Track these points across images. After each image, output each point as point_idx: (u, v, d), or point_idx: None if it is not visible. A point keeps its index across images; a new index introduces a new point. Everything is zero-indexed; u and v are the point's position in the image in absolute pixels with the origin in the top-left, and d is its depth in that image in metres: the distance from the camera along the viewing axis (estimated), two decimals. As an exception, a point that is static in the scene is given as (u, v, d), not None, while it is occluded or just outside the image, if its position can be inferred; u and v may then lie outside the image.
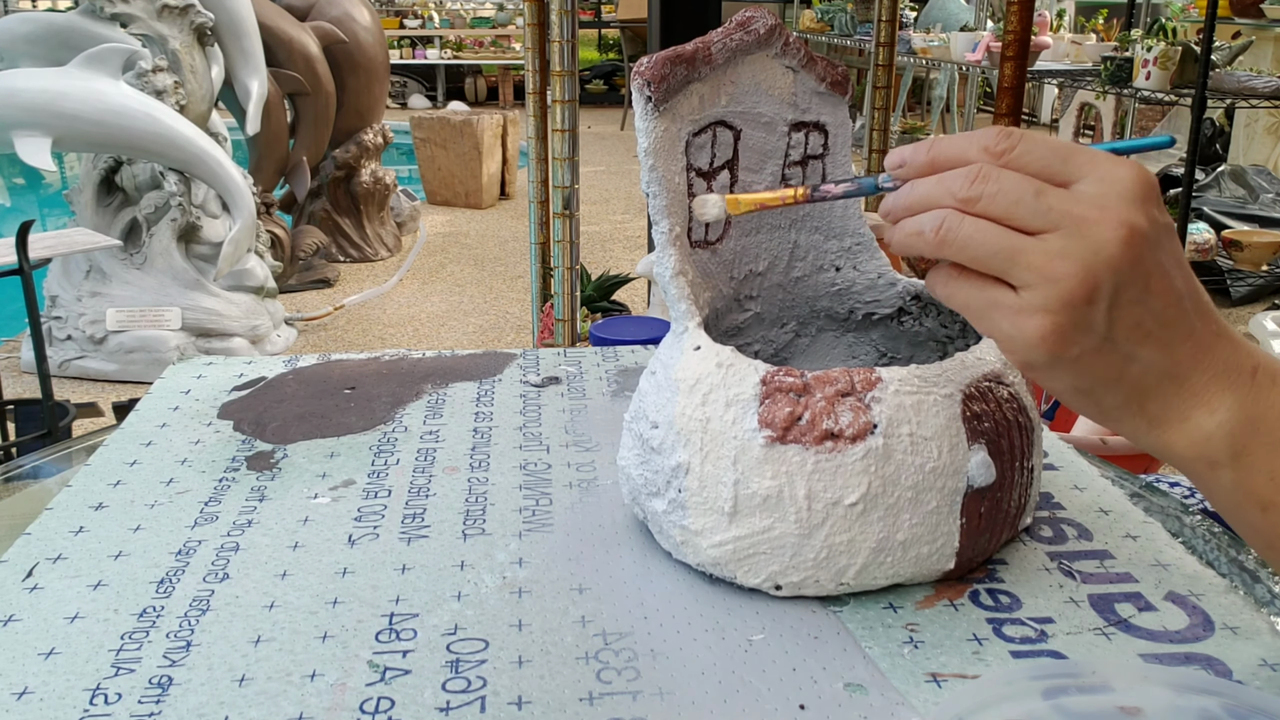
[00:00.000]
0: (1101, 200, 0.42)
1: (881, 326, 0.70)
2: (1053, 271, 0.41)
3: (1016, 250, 0.42)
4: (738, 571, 0.53)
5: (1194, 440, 0.44)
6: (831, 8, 6.18)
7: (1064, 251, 0.41)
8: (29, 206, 6.23)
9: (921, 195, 0.45)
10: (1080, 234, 0.41)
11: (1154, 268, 0.42)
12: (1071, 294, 0.41)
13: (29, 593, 0.55)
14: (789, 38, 0.61)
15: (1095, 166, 0.43)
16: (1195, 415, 0.44)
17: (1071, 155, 0.43)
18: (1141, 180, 0.42)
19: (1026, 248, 0.42)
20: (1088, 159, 0.43)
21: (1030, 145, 0.43)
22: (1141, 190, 0.42)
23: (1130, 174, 0.42)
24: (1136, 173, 0.42)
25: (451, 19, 9.48)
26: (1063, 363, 0.43)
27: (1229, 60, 3.94)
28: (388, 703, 0.46)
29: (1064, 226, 0.42)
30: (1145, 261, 0.42)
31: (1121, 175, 0.42)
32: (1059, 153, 0.43)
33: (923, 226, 0.44)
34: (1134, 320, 0.42)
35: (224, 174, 3.02)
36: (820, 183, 0.50)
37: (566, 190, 1.87)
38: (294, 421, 0.76)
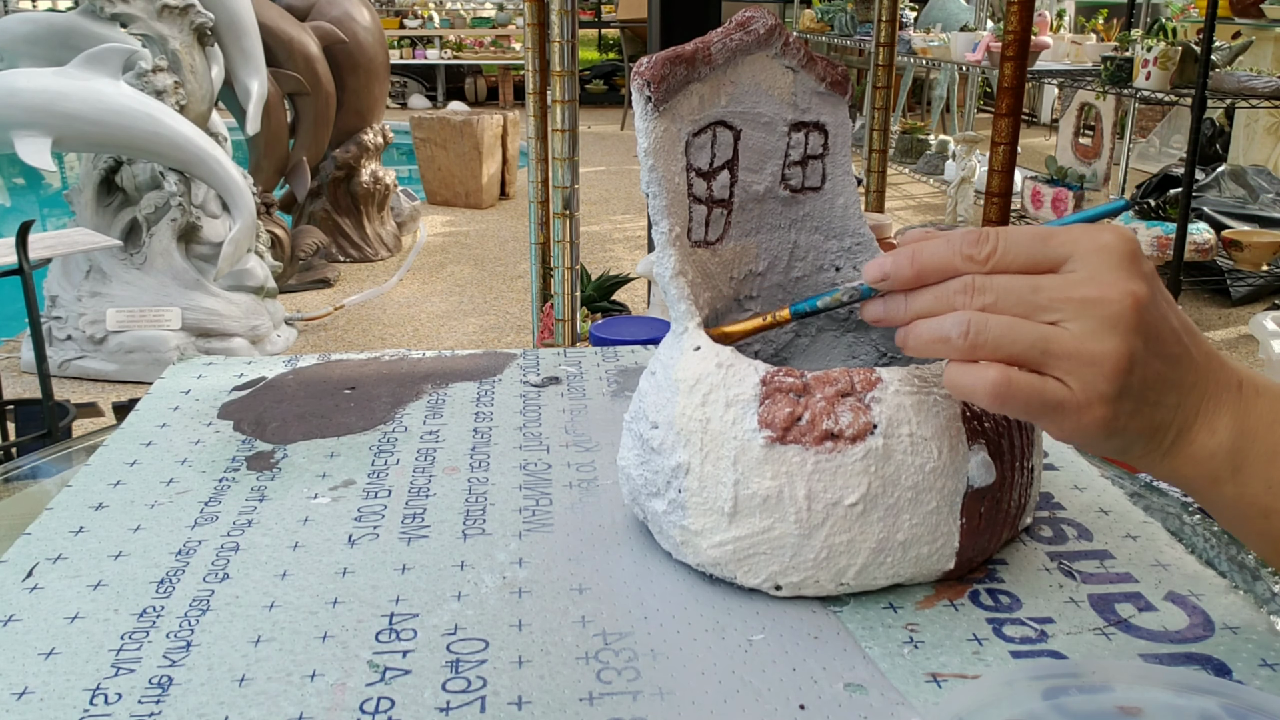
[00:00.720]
0: (1096, 276, 0.43)
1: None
2: (1090, 354, 0.42)
3: (1048, 340, 0.43)
4: (738, 571, 0.53)
5: (1199, 460, 0.46)
6: (831, 8, 6.18)
7: (1090, 333, 0.42)
8: (29, 206, 6.23)
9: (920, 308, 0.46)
10: (1094, 315, 0.42)
11: (1158, 320, 0.43)
12: (1115, 370, 0.42)
13: (29, 593, 0.55)
14: (789, 38, 0.61)
15: (1077, 244, 0.43)
16: (1200, 438, 0.45)
17: (1049, 239, 0.44)
18: (1123, 242, 0.43)
19: (1055, 336, 0.43)
20: (1067, 238, 0.44)
21: (1009, 243, 0.44)
22: (1126, 252, 0.43)
23: (1110, 241, 0.43)
24: (1115, 238, 0.43)
25: (451, 19, 9.48)
26: (1113, 435, 0.45)
27: (1229, 60, 3.94)
28: (388, 703, 0.46)
29: (1074, 312, 0.43)
30: (1151, 317, 0.43)
31: (1103, 244, 0.43)
32: (1038, 239, 0.44)
33: (947, 331, 0.45)
34: (1154, 374, 0.44)
35: (224, 174, 3.02)
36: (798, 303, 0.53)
37: (566, 190, 1.87)
38: (294, 421, 0.76)
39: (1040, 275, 0.44)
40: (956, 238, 0.45)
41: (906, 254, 0.46)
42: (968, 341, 0.44)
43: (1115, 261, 0.43)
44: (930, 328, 0.46)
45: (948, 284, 0.45)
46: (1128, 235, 0.44)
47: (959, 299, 0.44)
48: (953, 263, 0.45)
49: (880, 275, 0.47)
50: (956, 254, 0.44)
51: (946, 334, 0.45)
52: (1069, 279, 0.43)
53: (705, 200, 0.60)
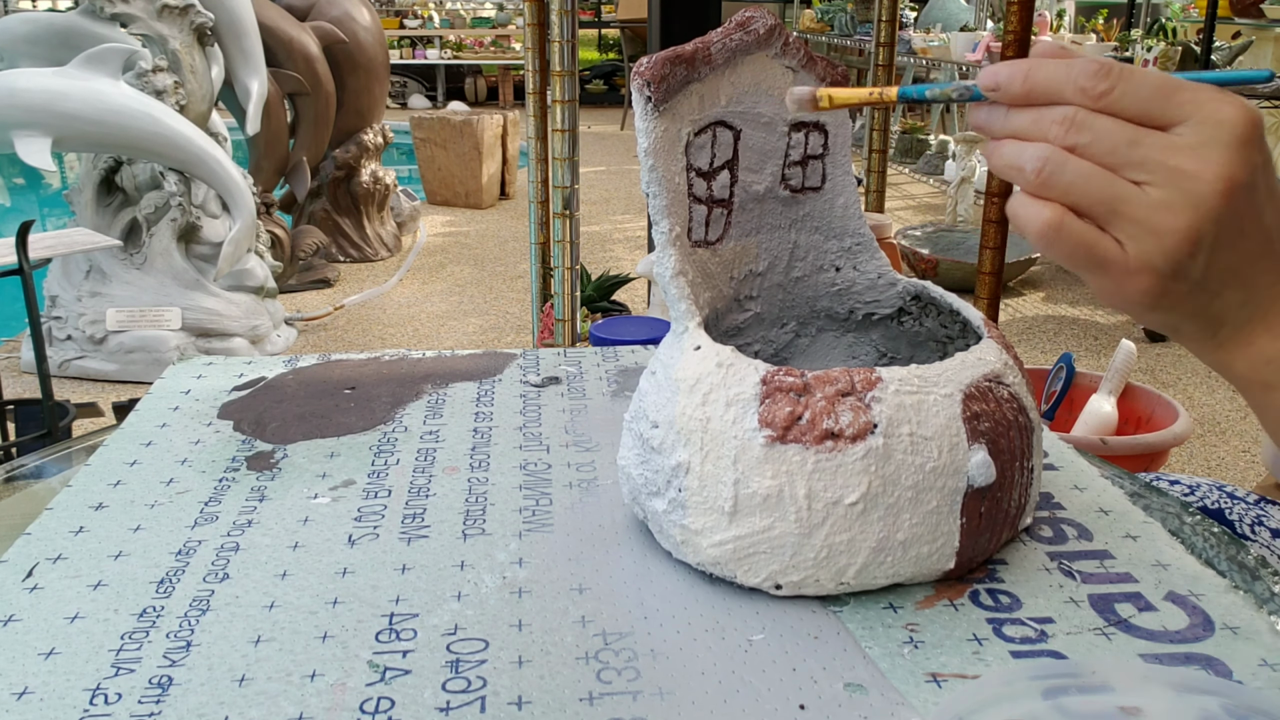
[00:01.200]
0: (1201, 149, 0.41)
1: (881, 326, 0.70)
2: (1157, 225, 0.41)
3: (1120, 199, 0.42)
4: (738, 571, 0.53)
5: (1254, 363, 0.45)
6: (831, 8, 6.18)
7: (1167, 204, 0.41)
8: (29, 206, 6.23)
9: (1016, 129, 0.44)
10: (1180, 187, 0.41)
11: (1249, 212, 0.42)
12: (1177, 248, 0.41)
13: (29, 593, 0.55)
14: (789, 38, 0.61)
15: (1199, 108, 0.41)
16: (1260, 340, 0.45)
17: (1173, 94, 0.41)
18: (1244, 122, 0.41)
19: (1130, 197, 0.42)
20: (1190, 98, 0.41)
21: (1129, 86, 0.42)
22: (1243, 133, 0.41)
23: (1232, 116, 0.41)
24: (1239, 114, 0.41)
25: (451, 19, 9.48)
26: (1157, 309, 0.44)
27: (1229, 60, 3.94)
28: (388, 703, 0.46)
29: (1162, 178, 0.41)
30: (1241, 208, 0.41)
31: (1224, 118, 0.41)
32: (1161, 91, 0.42)
33: (1023, 162, 0.43)
34: (1226, 264, 0.43)
35: (224, 174, 3.02)
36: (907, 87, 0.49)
37: (566, 190, 1.87)
38: (294, 421, 0.76)
39: (1147, 130, 0.42)
40: (1078, 65, 0.42)
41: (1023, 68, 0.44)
42: (1040, 178, 0.43)
43: (1227, 138, 0.41)
44: (1011, 152, 0.44)
45: (1051, 110, 0.43)
46: (1252, 114, 0.41)
47: (1055, 129, 0.43)
48: (1064, 90, 0.43)
49: (992, 83, 0.45)
50: (1071, 81, 0.42)
51: (1022, 164, 0.43)
52: (1173, 142, 0.41)
53: (705, 200, 0.60)
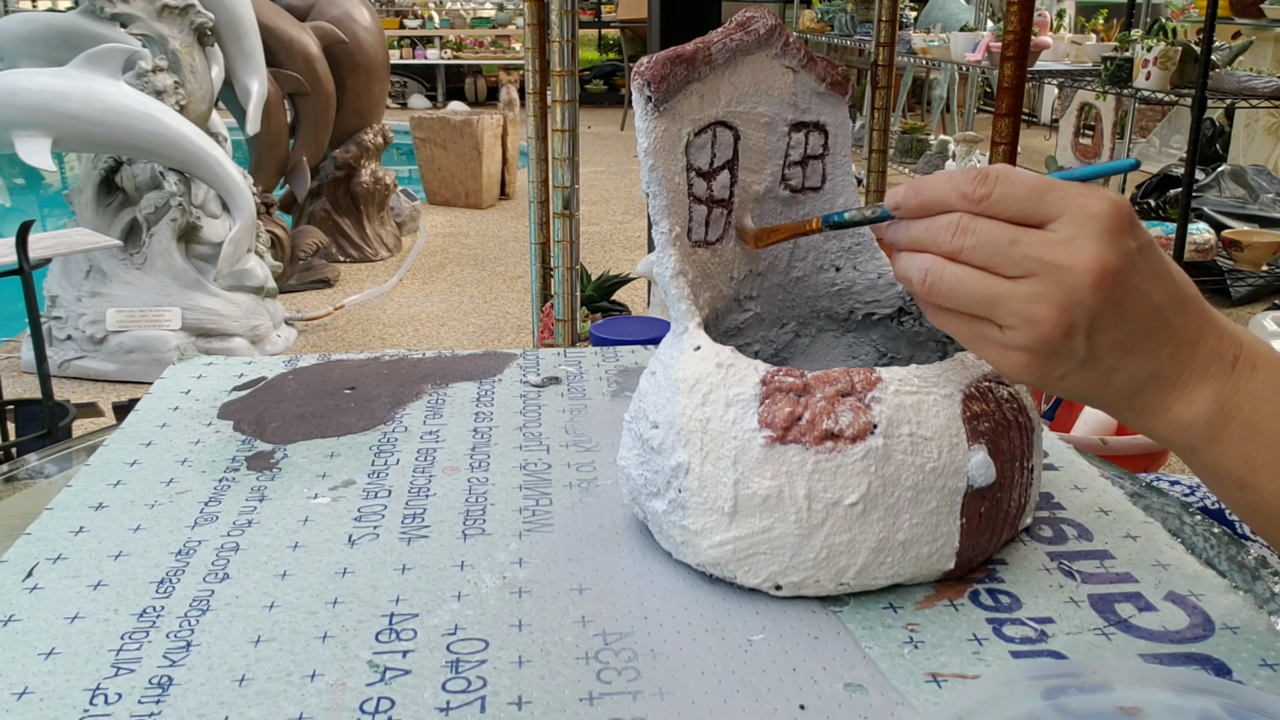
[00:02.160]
0: (1073, 242, 0.44)
1: (881, 326, 0.70)
2: (1030, 315, 0.45)
3: (996, 297, 0.46)
4: (738, 571, 0.53)
5: (1175, 428, 0.47)
6: (831, 8, 6.18)
7: (1039, 296, 0.44)
8: (29, 206, 6.23)
9: (913, 239, 0.48)
10: (1054, 279, 0.44)
11: (1128, 293, 0.45)
12: (1049, 334, 0.45)
13: (29, 593, 0.55)
14: (789, 38, 0.61)
15: (1069, 204, 0.45)
16: (1175, 407, 0.47)
17: (1046, 193, 0.45)
18: (1112, 213, 0.44)
19: (1005, 294, 0.45)
20: (1061, 196, 0.45)
21: (1006, 188, 0.45)
22: (1113, 223, 0.44)
23: (1100, 209, 0.44)
24: (1106, 207, 0.44)
25: (451, 19, 9.48)
26: (1049, 382, 0.47)
27: (1229, 60, 3.94)
28: (388, 703, 0.46)
29: (1039, 272, 0.44)
30: (1118, 292, 0.45)
31: (1093, 212, 0.44)
32: (1035, 191, 0.45)
33: (910, 274, 0.48)
34: (1113, 340, 0.46)
35: (224, 174, 3.02)
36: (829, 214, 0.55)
37: (566, 190, 1.87)
38: (294, 421, 0.76)
39: (1023, 229, 0.45)
40: (959, 176, 0.46)
41: (915, 186, 0.48)
42: (924, 288, 0.48)
43: (1097, 230, 0.44)
44: (903, 263, 0.49)
45: (938, 219, 0.47)
46: (1119, 205, 0.45)
47: (943, 235, 0.47)
48: (949, 199, 0.47)
49: (893, 204, 0.49)
50: (954, 190, 0.46)
51: (909, 275, 0.48)
52: (1047, 239, 0.45)
53: (705, 200, 0.60)
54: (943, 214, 0.47)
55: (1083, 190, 0.45)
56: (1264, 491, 0.47)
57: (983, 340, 0.47)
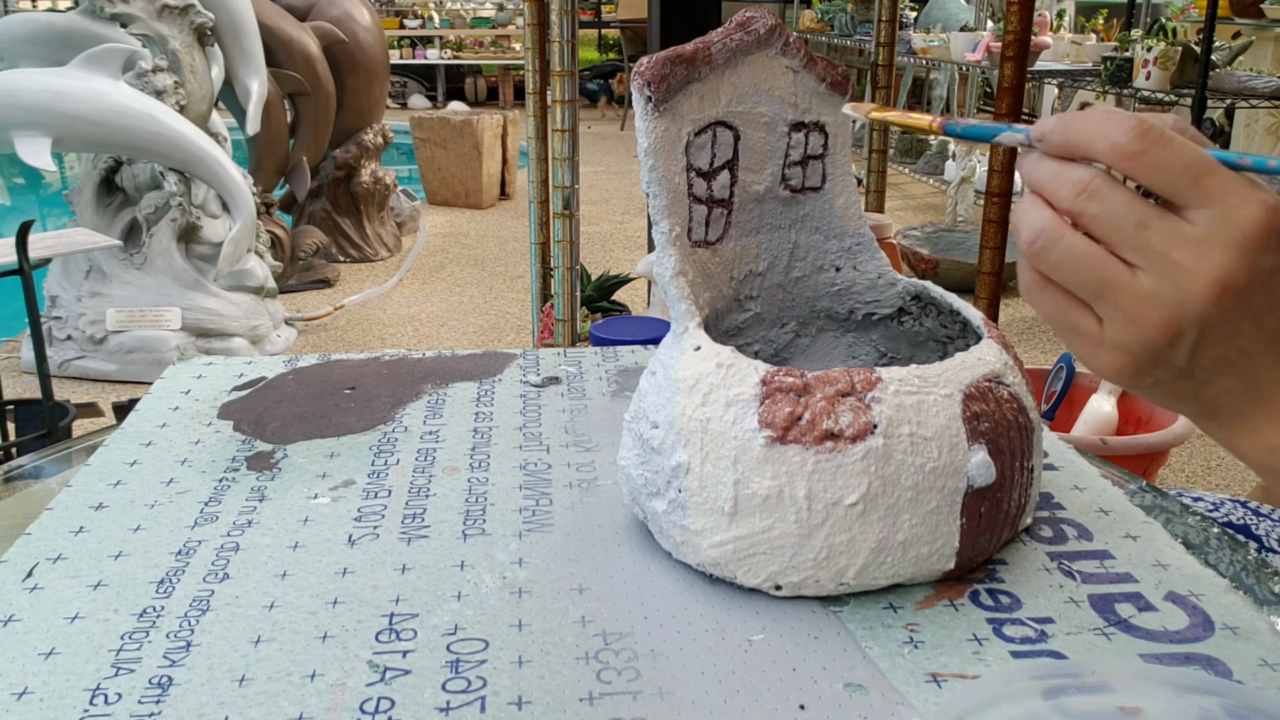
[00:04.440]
0: (1205, 244, 0.40)
1: (881, 326, 0.70)
2: (1138, 315, 0.41)
3: (1107, 285, 0.42)
4: (738, 571, 0.53)
5: (1259, 449, 0.44)
6: (831, 8, 6.18)
7: (1153, 296, 0.41)
8: (29, 206, 6.23)
9: (1036, 182, 0.44)
10: (1172, 280, 0.40)
11: (1246, 312, 0.41)
12: (1153, 340, 0.41)
13: (29, 593, 0.55)
14: (789, 38, 0.61)
15: (1222, 198, 0.40)
16: (1264, 429, 0.44)
17: (1202, 177, 0.40)
18: (1261, 224, 0.40)
19: (1116, 284, 0.42)
20: (1217, 185, 0.40)
21: (1164, 155, 0.41)
22: (1257, 236, 0.40)
23: (1250, 216, 0.40)
24: (1259, 214, 0.40)
25: (451, 19, 9.48)
26: (1140, 387, 0.44)
27: (1229, 60, 3.94)
28: (388, 703, 0.46)
29: (1159, 268, 0.41)
30: (1236, 309, 0.41)
31: (1241, 217, 0.40)
32: (1191, 170, 0.41)
33: (1021, 229, 0.44)
34: (1216, 355, 0.42)
35: (224, 174, 3.02)
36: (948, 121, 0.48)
37: (566, 190, 1.87)
38: (294, 421, 0.76)
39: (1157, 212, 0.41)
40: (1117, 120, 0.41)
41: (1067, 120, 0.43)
42: (1031, 250, 0.43)
43: (1236, 238, 0.40)
44: (1020, 213, 0.44)
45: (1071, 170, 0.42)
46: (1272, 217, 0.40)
47: (1067, 189, 0.42)
48: (1096, 145, 0.42)
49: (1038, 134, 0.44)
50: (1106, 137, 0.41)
51: (1020, 229, 0.44)
52: (1180, 232, 0.41)
53: (705, 200, 0.60)
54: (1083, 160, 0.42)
55: (1241, 187, 0.40)
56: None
57: (1075, 332, 0.44)
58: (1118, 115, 0.42)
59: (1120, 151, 0.41)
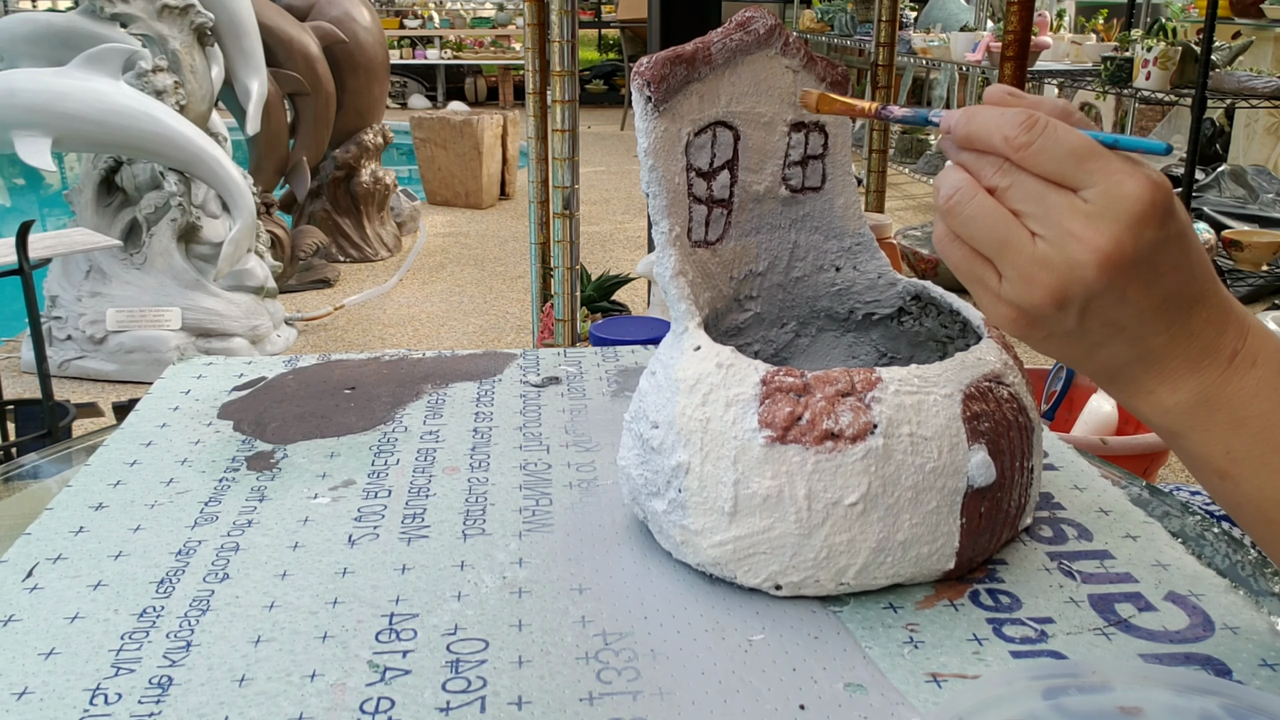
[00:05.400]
0: (1095, 217, 0.43)
1: (881, 326, 0.70)
2: (1030, 276, 0.45)
3: (1006, 245, 0.45)
4: (738, 571, 0.53)
5: (1155, 410, 0.47)
6: (831, 8, 6.18)
7: (1045, 261, 0.44)
8: (29, 206, 6.23)
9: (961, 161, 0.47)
10: (1063, 248, 0.44)
11: (1133, 281, 0.44)
12: (1041, 301, 0.45)
13: (29, 593, 0.55)
14: (789, 38, 0.61)
15: (1106, 177, 0.43)
16: (1159, 391, 0.47)
17: (1086, 159, 0.44)
18: (1145, 199, 0.43)
19: (1016, 245, 0.45)
20: (1101, 167, 0.43)
21: (1047, 143, 0.44)
22: (1142, 210, 0.43)
23: (1134, 191, 0.43)
24: (1143, 190, 0.43)
25: (451, 19, 9.48)
26: (1031, 340, 0.47)
27: (1229, 60, 3.94)
28: (388, 703, 0.46)
29: (1053, 237, 0.44)
30: (1122, 278, 0.44)
31: (1125, 193, 0.43)
32: (1075, 155, 0.44)
33: (941, 186, 0.48)
34: (1105, 320, 0.45)
35: (224, 174, 3.02)
36: (885, 107, 0.52)
37: (566, 190, 1.87)
38: (294, 421, 0.76)
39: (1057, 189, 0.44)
40: (1008, 117, 0.45)
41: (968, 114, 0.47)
42: (946, 204, 0.47)
43: (1123, 212, 0.43)
44: (942, 175, 0.48)
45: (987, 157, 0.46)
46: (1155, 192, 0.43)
47: (988, 169, 0.46)
48: (992, 138, 0.46)
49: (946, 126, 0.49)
50: (999, 131, 0.45)
51: (940, 186, 0.48)
52: (1074, 206, 0.44)
53: (705, 200, 0.60)
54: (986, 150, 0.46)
55: (1125, 166, 0.43)
56: (1244, 484, 0.46)
57: (977, 282, 0.47)
58: (1009, 111, 0.45)
59: (1011, 144, 0.45)
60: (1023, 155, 0.45)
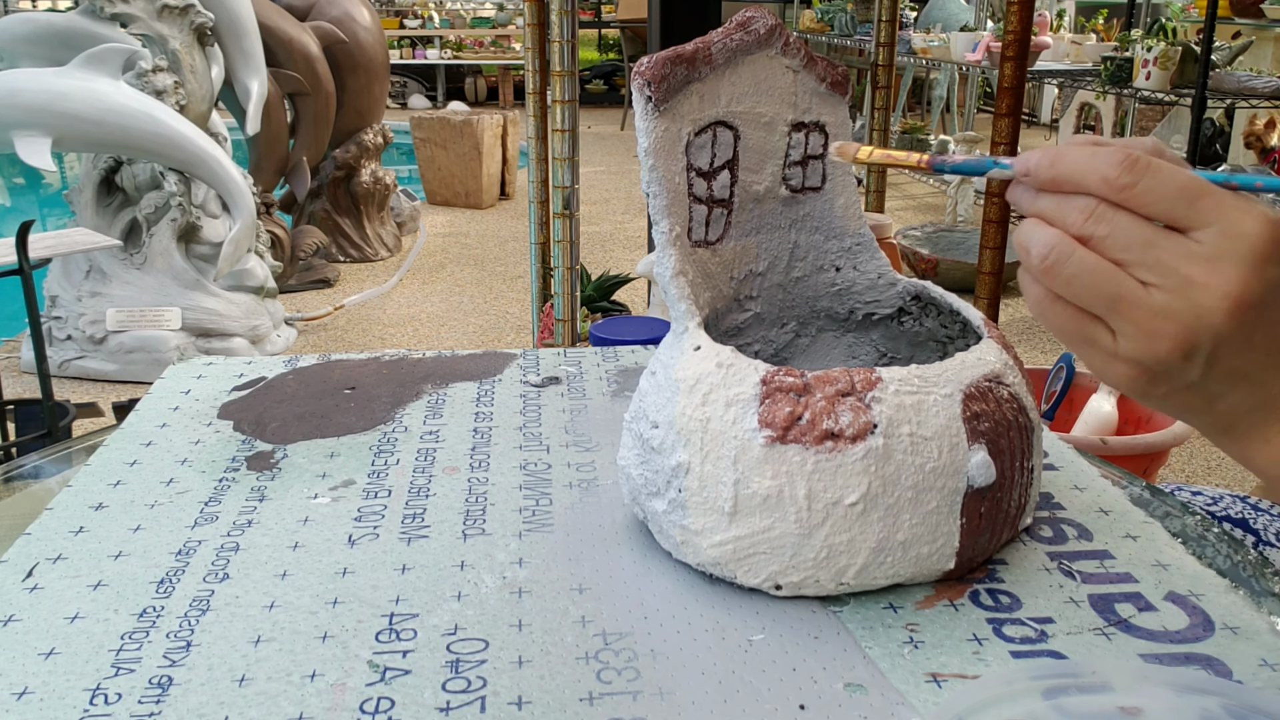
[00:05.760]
0: (1215, 260, 0.41)
1: (881, 326, 0.70)
2: (1152, 329, 0.42)
3: (1120, 299, 0.42)
4: (738, 571, 0.53)
5: (1274, 462, 0.45)
6: (831, 8, 6.18)
7: (1166, 311, 0.41)
8: (29, 206, 6.23)
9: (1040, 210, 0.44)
10: (1185, 295, 0.41)
11: (1260, 325, 0.41)
12: (1167, 353, 0.42)
13: (29, 593, 0.55)
14: (789, 38, 0.61)
15: (1222, 216, 0.41)
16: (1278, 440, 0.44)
17: (1198, 199, 0.41)
18: (1266, 236, 0.41)
19: (1130, 299, 0.42)
20: (1214, 205, 0.41)
21: (1153, 182, 0.42)
22: (1264, 248, 0.41)
23: (1254, 230, 0.41)
24: (1262, 228, 0.41)
25: (451, 19, 9.48)
26: (1151, 398, 0.45)
27: (1229, 60, 3.94)
28: (388, 703, 0.46)
29: (1172, 285, 0.41)
30: (1250, 322, 0.41)
31: (1245, 231, 0.41)
32: (1185, 192, 0.41)
33: (1032, 245, 0.44)
34: (1230, 368, 0.43)
35: (224, 174, 3.02)
36: (941, 154, 0.49)
37: (566, 190, 1.87)
38: (294, 421, 0.76)
39: (1164, 232, 0.42)
40: (1104, 154, 0.42)
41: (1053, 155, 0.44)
42: (1044, 265, 0.43)
43: (1245, 252, 0.40)
44: (1026, 232, 0.44)
45: (1074, 198, 0.43)
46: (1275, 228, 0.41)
47: (1075, 216, 0.43)
48: (1087, 179, 0.43)
49: (1023, 170, 0.45)
50: (1095, 171, 0.42)
51: (1030, 246, 0.44)
52: (1188, 249, 0.41)
53: (705, 200, 0.60)
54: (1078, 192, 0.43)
55: (1238, 203, 0.41)
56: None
57: (1089, 343, 0.44)
58: (1103, 149, 0.42)
59: (1112, 185, 0.42)
60: (1127, 196, 0.42)
